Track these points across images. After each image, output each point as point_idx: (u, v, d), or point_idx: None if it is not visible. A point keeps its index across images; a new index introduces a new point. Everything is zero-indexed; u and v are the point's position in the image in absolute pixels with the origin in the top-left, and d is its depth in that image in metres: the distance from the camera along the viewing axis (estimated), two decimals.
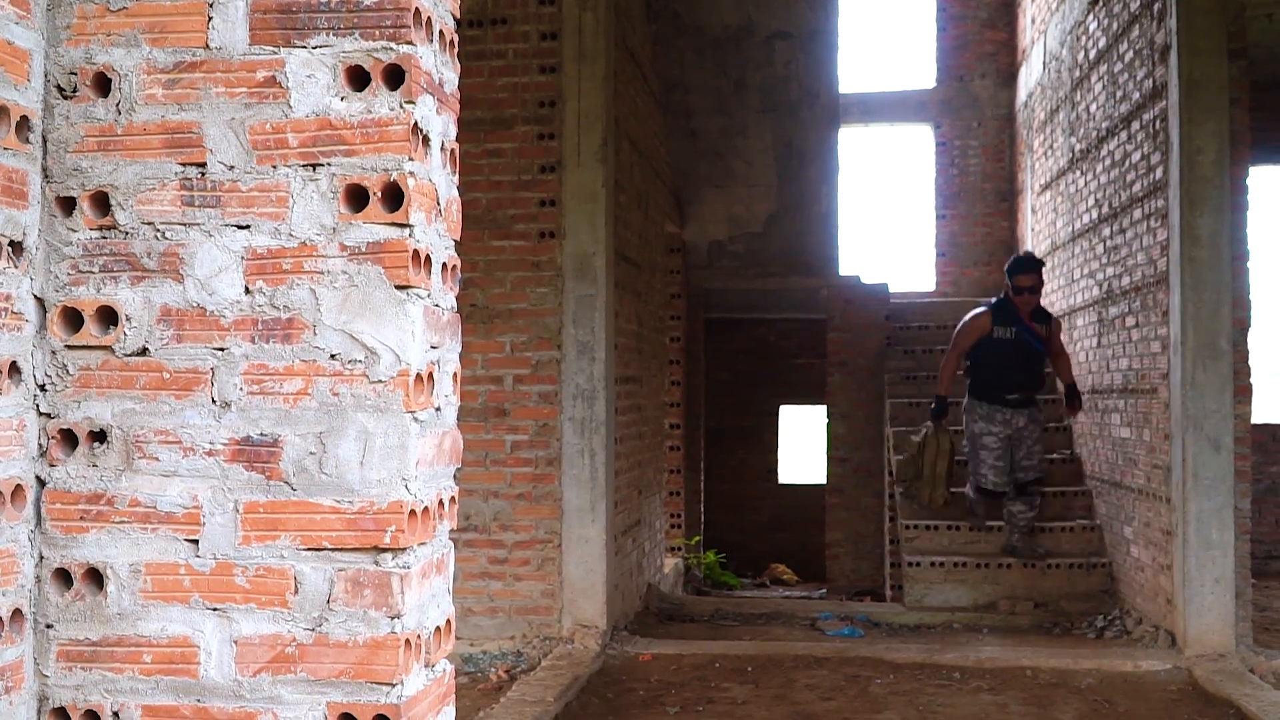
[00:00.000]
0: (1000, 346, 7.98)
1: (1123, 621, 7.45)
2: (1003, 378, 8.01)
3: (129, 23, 1.65)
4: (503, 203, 6.76)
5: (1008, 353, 7.96)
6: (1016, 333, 7.94)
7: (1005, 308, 8.05)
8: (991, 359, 8.02)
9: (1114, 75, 7.99)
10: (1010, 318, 7.97)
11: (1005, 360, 7.98)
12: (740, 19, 9.70)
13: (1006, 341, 7.95)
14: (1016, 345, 7.95)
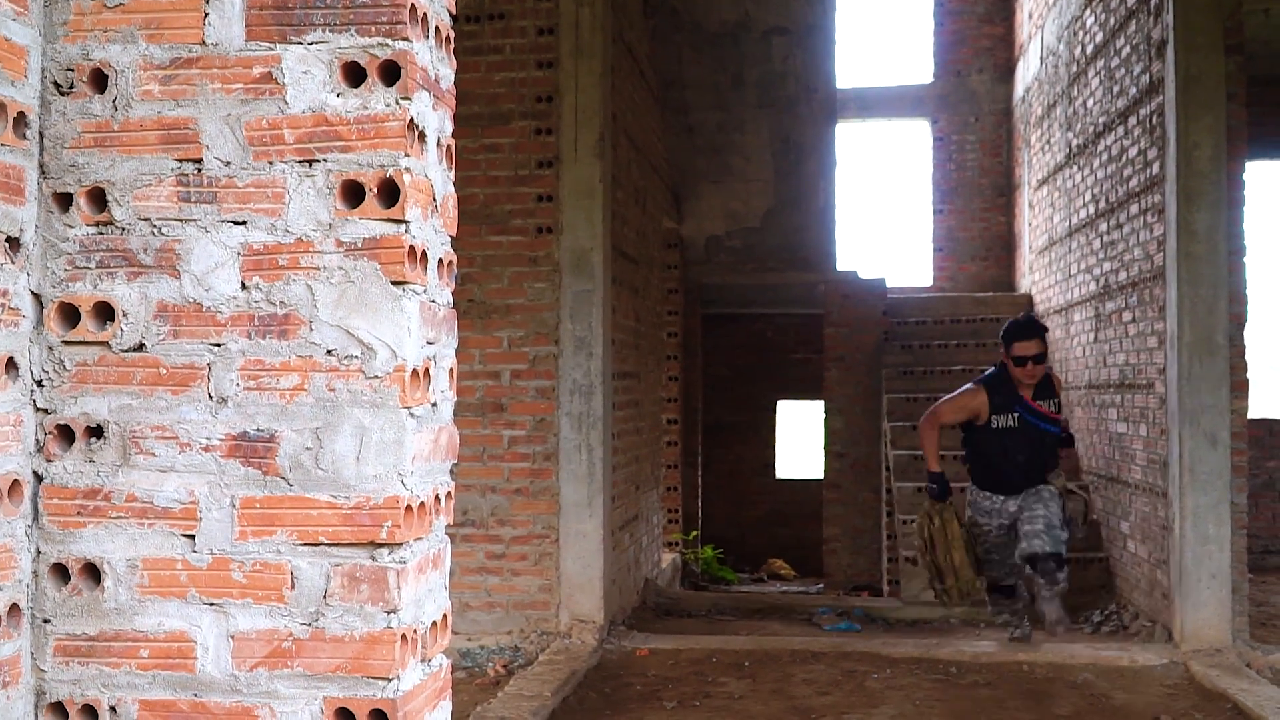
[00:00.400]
0: (1002, 437, 6.50)
1: (1119, 616, 7.47)
2: (1006, 472, 6.53)
3: (125, 19, 1.65)
4: (500, 198, 6.76)
5: (1011, 444, 6.49)
6: (1020, 418, 6.47)
7: (1003, 386, 6.51)
8: (992, 449, 6.55)
9: (1111, 70, 8.00)
10: (1010, 399, 6.47)
11: (1008, 452, 6.50)
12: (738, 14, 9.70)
13: (1009, 431, 6.48)
14: (1022, 434, 6.47)
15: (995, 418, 6.45)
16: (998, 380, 6.52)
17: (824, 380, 11.04)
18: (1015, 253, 12.06)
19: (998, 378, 6.54)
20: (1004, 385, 6.47)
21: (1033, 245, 10.90)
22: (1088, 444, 8.60)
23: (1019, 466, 6.44)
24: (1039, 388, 6.48)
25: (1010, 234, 12.29)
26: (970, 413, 6.55)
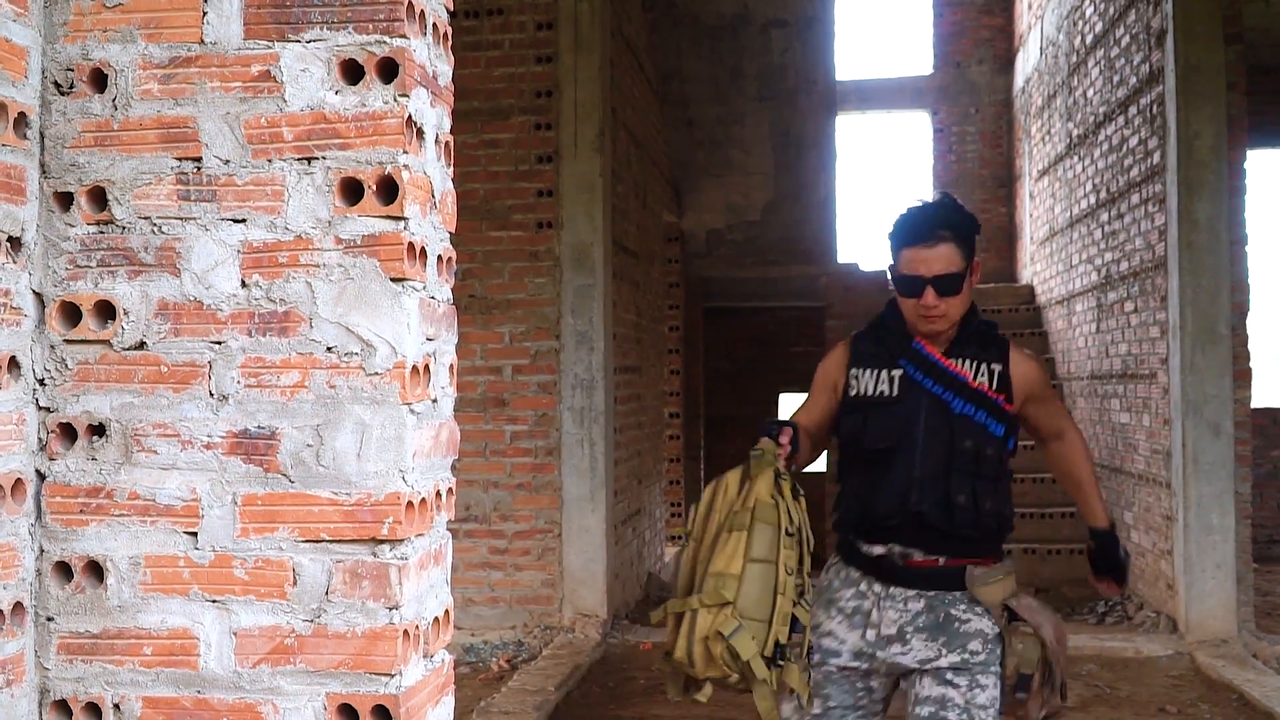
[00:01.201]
0: (868, 422, 2.87)
1: (1124, 607, 7.47)
2: (874, 499, 2.84)
3: (125, 18, 1.66)
4: (500, 193, 6.76)
5: (886, 435, 2.85)
6: (904, 382, 2.86)
7: (882, 333, 3.00)
8: (850, 452, 2.99)
9: (1111, 60, 7.99)
10: (890, 350, 2.92)
11: (881, 458, 2.86)
12: (737, 7, 9.69)
13: (882, 408, 2.86)
14: (910, 415, 2.83)
15: (857, 378, 2.88)
16: (878, 325, 2.99)
17: None
18: (1016, 243, 12.06)
19: (879, 321, 3.00)
20: (884, 331, 2.94)
21: (1034, 236, 10.90)
22: (1090, 434, 8.61)
23: (903, 490, 2.75)
24: (964, 340, 2.85)
25: (1011, 225, 12.29)
26: (828, 386, 2.97)
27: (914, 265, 2.70)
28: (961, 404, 2.70)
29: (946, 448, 2.68)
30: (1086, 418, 8.69)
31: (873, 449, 2.72)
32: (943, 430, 2.69)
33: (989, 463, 2.69)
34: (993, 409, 2.72)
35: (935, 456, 2.68)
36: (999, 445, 2.72)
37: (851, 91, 12.50)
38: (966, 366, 2.73)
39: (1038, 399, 2.84)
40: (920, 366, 2.75)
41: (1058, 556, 8.05)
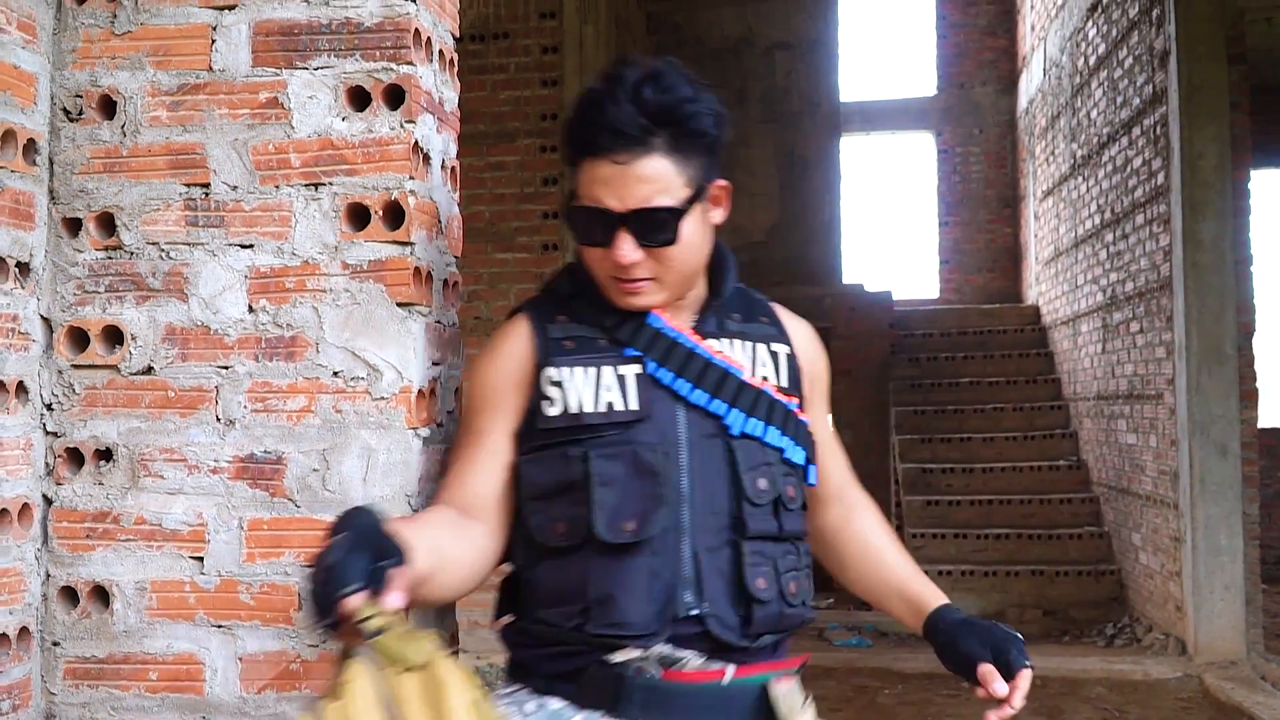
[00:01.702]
0: (604, 468, 1.51)
1: (1133, 629, 7.44)
2: (610, 606, 1.49)
3: (134, 46, 1.67)
4: (506, 215, 6.78)
5: (637, 498, 1.50)
6: (642, 384, 1.55)
7: (581, 292, 1.63)
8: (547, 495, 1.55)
9: (1114, 81, 8.01)
10: (610, 326, 1.59)
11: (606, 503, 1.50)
12: (741, 30, 9.73)
13: (617, 434, 1.52)
14: (665, 446, 1.53)
15: (559, 385, 1.54)
16: (574, 285, 1.65)
17: (831, 393, 11.02)
18: (1022, 264, 12.06)
19: (575, 278, 1.66)
20: (588, 295, 1.62)
21: (1039, 256, 10.90)
22: (1097, 455, 8.59)
23: (666, 588, 1.50)
24: (719, 306, 1.66)
25: (1016, 245, 12.29)
26: (502, 419, 1.57)
27: (595, 189, 1.52)
28: (742, 417, 1.55)
29: (729, 499, 1.52)
30: (1093, 438, 8.67)
31: (612, 534, 1.47)
32: (719, 468, 1.53)
33: (792, 516, 1.58)
34: (787, 421, 1.60)
35: (713, 517, 1.51)
36: (800, 482, 1.62)
37: (856, 113, 12.53)
38: (736, 351, 1.60)
39: (819, 404, 1.75)
40: (664, 355, 1.55)
41: (1066, 578, 8.02)
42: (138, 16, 1.67)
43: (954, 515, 8.70)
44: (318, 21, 1.63)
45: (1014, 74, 12.42)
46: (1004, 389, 9.79)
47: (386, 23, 1.61)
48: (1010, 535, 8.37)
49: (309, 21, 1.63)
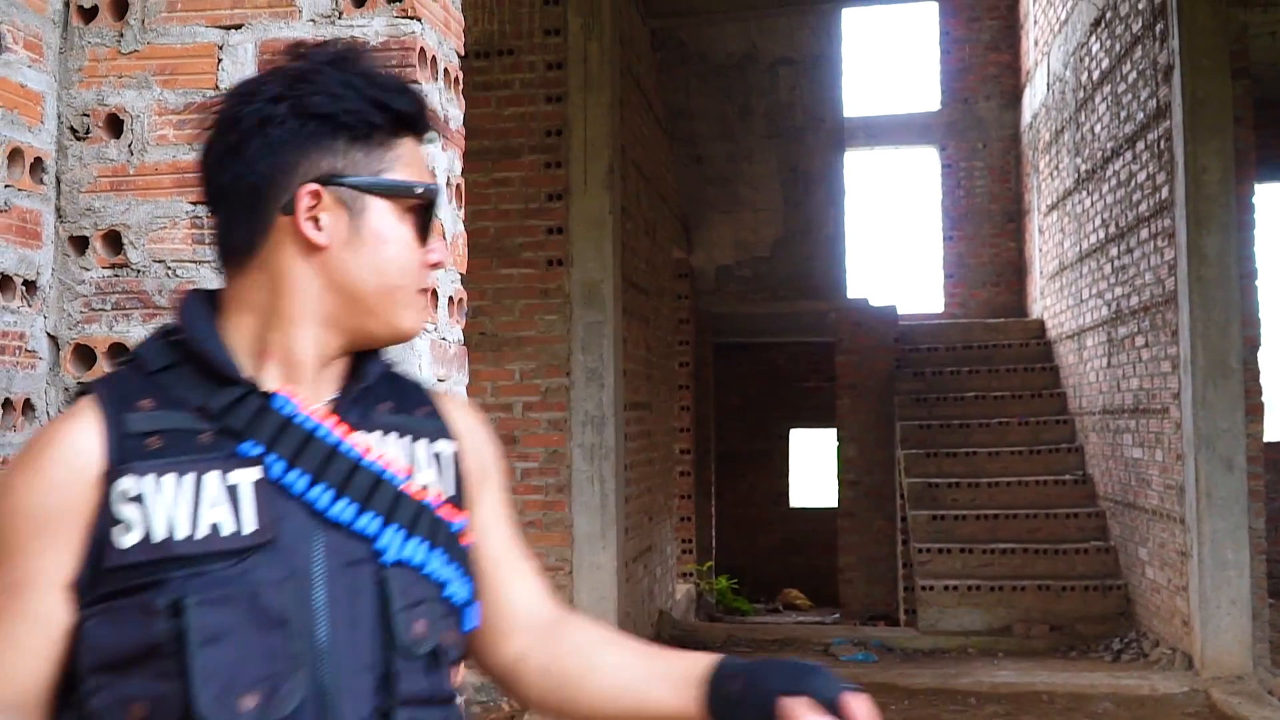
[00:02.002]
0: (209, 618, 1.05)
1: (1139, 644, 7.42)
2: None
3: (140, 65, 1.68)
4: (511, 231, 6.79)
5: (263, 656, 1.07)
6: (265, 496, 1.12)
7: (174, 366, 1.16)
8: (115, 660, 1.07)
9: (1118, 96, 8.02)
10: (217, 412, 1.14)
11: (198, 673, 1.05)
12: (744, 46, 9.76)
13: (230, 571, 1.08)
14: (297, 583, 1.10)
15: (142, 502, 1.08)
16: (160, 359, 1.17)
17: (836, 408, 11.03)
18: (1026, 278, 12.06)
19: (161, 348, 1.18)
20: (183, 373, 1.16)
21: (1044, 270, 10.90)
22: (1103, 470, 8.57)
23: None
24: (366, 385, 1.24)
25: (1021, 259, 12.29)
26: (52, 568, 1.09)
27: (416, 172, 1.23)
28: (400, 538, 1.17)
29: (377, 648, 1.14)
30: (1099, 453, 8.66)
31: (225, 715, 1.04)
32: (365, 608, 1.14)
33: (446, 674, 1.21)
34: (452, 546, 1.22)
35: (359, 677, 1.12)
36: (458, 626, 1.23)
37: (860, 128, 12.56)
38: (390, 449, 1.22)
39: (490, 503, 1.35)
40: (296, 453, 1.15)
41: (1072, 593, 8.00)
42: (144, 36, 1.68)
43: (960, 530, 8.68)
44: (323, 41, 1.64)
45: (1018, 89, 12.44)
46: (1009, 403, 9.79)
47: (392, 42, 1.62)
48: (1016, 550, 8.36)
49: (315, 41, 1.64)
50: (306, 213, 1.15)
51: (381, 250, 1.17)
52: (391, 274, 1.18)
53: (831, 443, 11.76)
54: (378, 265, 1.17)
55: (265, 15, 1.65)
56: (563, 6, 6.80)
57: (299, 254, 1.16)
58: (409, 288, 1.20)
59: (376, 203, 1.18)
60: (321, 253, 1.16)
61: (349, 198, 1.16)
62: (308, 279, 1.16)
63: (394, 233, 1.18)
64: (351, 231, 1.16)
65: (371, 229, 1.17)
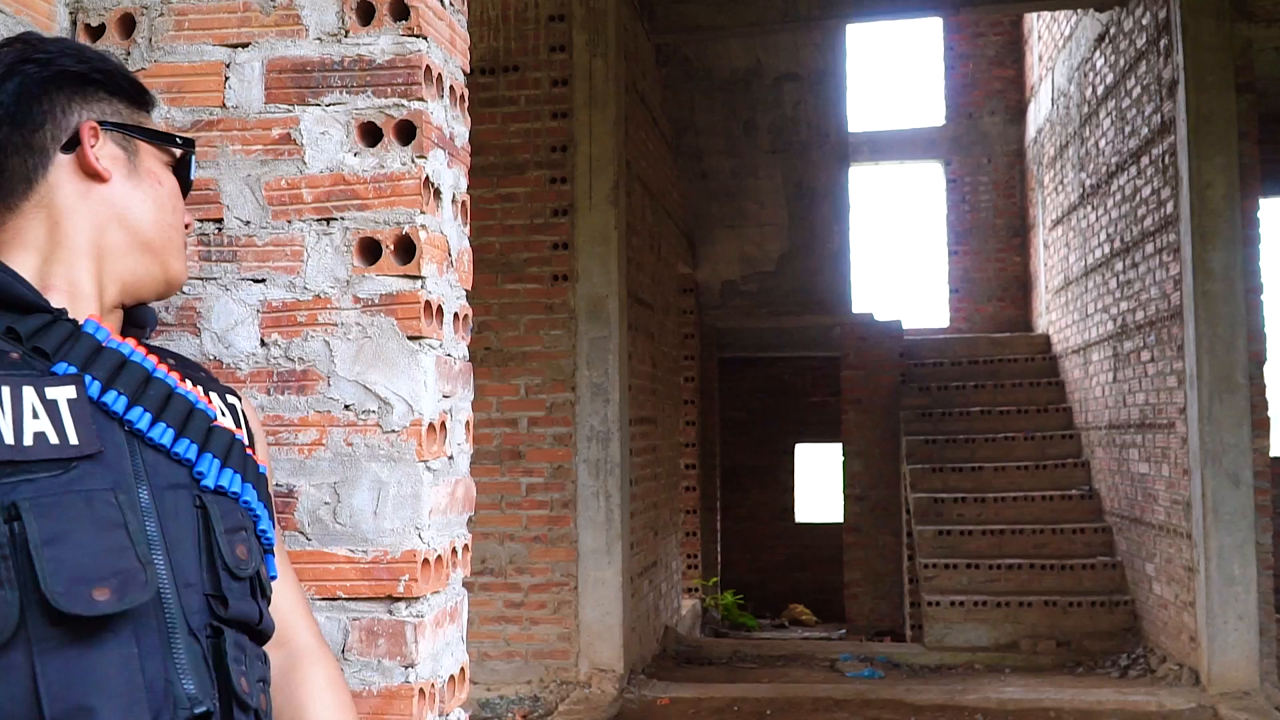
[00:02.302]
0: (45, 521, 1.06)
1: (1146, 660, 7.39)
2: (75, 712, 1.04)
3: (147, 82, 1.68)
4: (516, 246, 6.80)
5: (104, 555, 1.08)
6: (80, 412, 1.12)
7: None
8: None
9: (1122, 111, 8.03)
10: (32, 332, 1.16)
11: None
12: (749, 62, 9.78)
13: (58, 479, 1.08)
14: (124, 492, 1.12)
15: None
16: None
17: (842, 423, 11.02)
18: (1031, 293, 12.06)
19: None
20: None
21: (1049, 285, 10.90)
22: (1109, 485, 8.55)
23: (158, 678, 1.09)
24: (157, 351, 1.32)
25: (1026, 274, 12.29)
26: None
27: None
28: (216, 466, 1.23)
29: (202, 569, 1.17)
30: (1105, 468, 8.64)
31: (79, 603, 1.04)
32: (188, 529, 1.17)
33: (266, 606, 1.27)
34: (258, 482, 1.30)
35: (187, 591, 1.15)
36: (267, 568, 1.30)
37: (864, 143, 12.58)
38: (191, 384, 1.29)
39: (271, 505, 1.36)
40: (112, 376, 1.18)
41: (1079, 609, 7.97)
42: (151, 54, 1.69)
43: (966, 545, 8.66)
44: (330, 59, 1.65)
45: (1022, 104, 12.45)
46: (1015, 418, 9.77)
47: (398, 60, 1.63)
48: (1023, 565, 8.34)
49: (321, 59, 1.65)
50: (90, 148, 1.23)
51: (158, 190, 1.29)
52: (167, 213, 1.30)
53: (837, 457, 11.74)
54: (158, 201, 1.29)
55: (272, 34, 1.66)
56: (568, 23, 6.83)
57: (82, 190, 1.23)
58: (181, 232, 1.32)
59: (146, 148, 1.30)
60: (104, 185, 1.24)
61: (122, 141, 1.27)
62: (90, 214, 1.23)
63: (166, 179, 1.32)
64: (130, 169, 1.27)
65: (147, 168, 1.29)
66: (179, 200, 1.34)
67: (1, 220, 1.22)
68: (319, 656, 1.37)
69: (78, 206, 1.23)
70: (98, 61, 1.28)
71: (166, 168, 1.33)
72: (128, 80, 1.31)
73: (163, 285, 1.32)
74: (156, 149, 1.32)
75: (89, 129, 1.23)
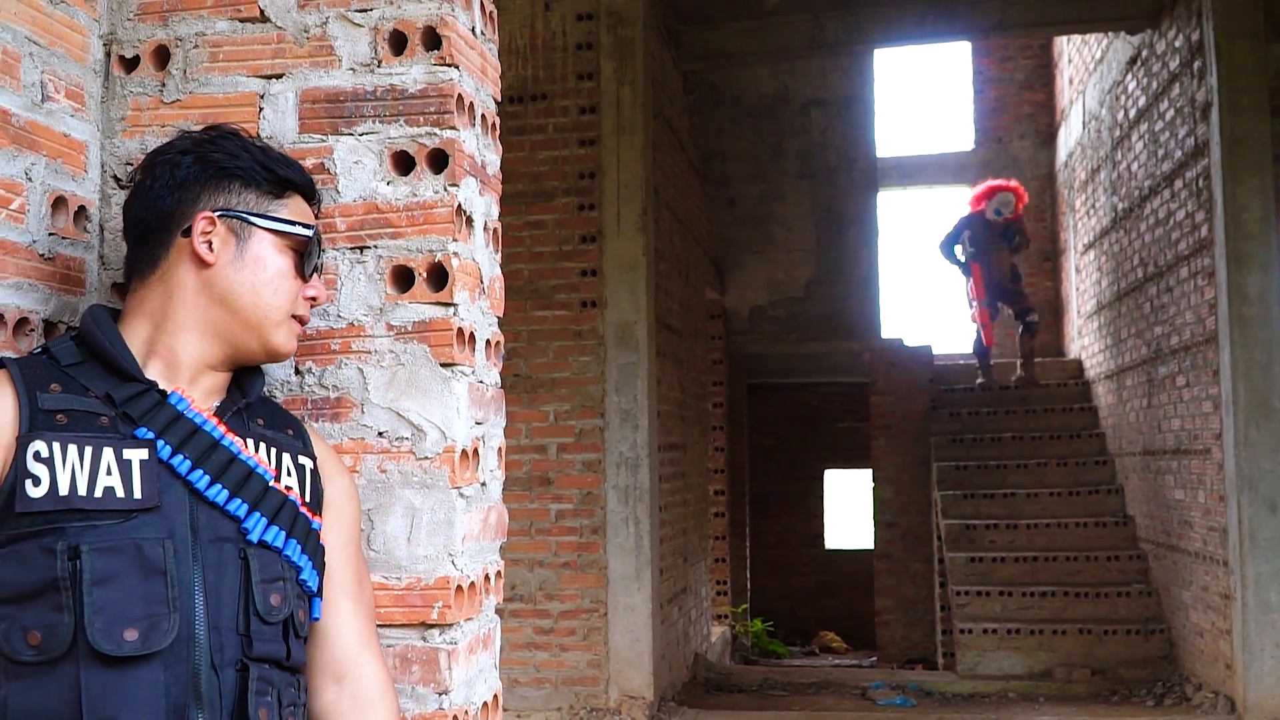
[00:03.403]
0: (99, 563, 1.28)
1: (1182, 688, 7.28)
2: None
3: (182, 114, 1.70)
4: (544, 273, 6.82)
5: (141, 599, 1.30)
6: (149, 472, 1.34)
7: (85, 357, 1.41)
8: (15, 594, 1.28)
9: (1155, 134, 7.98)
10: (120, 398, 1.38)
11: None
12: (776, 88, 9.80)
13: (116, 526, 1.30)
14: (176, 544, 1.33)
15: (45, 461, 1.30)
16: (73, 346, 1.43)
17: (871, 449, 10.96)
18: (1063, 318, 11.97)
19: (76, 338, 1.44)
20: (90, 362, 1.41)
21: (1080, 310, 10.83)
22: (1144, 511, 8.46)
23: (176, 708, 1.30)
24: (245, 403, 1.51)
25: (1057, 299, 12.21)
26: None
27: (302, 219, 1.52)
28: (263, 523, 1.40)
29: (238, 613, 1.36)
30: (1140, 494, 8.55)
31: (111, 643, 1.26)
32: (230, 577, 1.36)
33: (300, 645, 1.43)
34: (308, 539, 1.45)
35: (220, 632, 1.34)
36: (309, 609, 1.46)
37: (893, 168, 12.56)
38: (262, 452, 1.45)
39: (336, 536, 1.52)
40: (183, 441, 1.37)
41: (1114, 637, 7.87)
42: (186, 86, 1.71)
43: (999, 572, 8.57)
44: (363, 89, 1.66)
45: (1052, 127, 12.41)
46: (1047, 444, 9.69)
47: (430, 89, 1.64)
48: (1056, 593, 8.24)
49: (354, 89, 1.66)
50: (201, 236, 1.43)
51: (260, 273, 1.46)
52: (265, 294, 1.46)
53: (867, 483, 11.67)
54: (255, 284, 1.45)
55: (305, 64, 1.68)
56: (595, 52, 6.87)
57: (193, 270, 1.44)
58: (281, 309, 1.47)
59: (260, 234, 1.46)
60: (210, 269, 1.44)
61: (238, 227, 1.45)
62: (197, 291, 1.44)
63: (273, 261, 1.47)
64: (236, 254, 1.45)
65: (254, 254, 1.45)
66: (286, 280, 1.48)
67: (135, 290, 1.46)
68: (377, 697, 1.49)
69: (187, 284, 1.44)
70: (247, 158, 1.47)
71: (285, 250, 1.48)
72: (268, 174, 1.48)
73: (263, 355, 1.49)
74: (274, 235, 1.47)
75: (204, 218, 1.44)
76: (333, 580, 1.48)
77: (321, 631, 1.47)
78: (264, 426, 1.48)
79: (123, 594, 1.27)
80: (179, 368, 1.43)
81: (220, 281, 1.44)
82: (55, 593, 1.25)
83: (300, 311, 1.51)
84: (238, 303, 1.44)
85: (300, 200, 1.52)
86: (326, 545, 1.48)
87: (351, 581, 1.51)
